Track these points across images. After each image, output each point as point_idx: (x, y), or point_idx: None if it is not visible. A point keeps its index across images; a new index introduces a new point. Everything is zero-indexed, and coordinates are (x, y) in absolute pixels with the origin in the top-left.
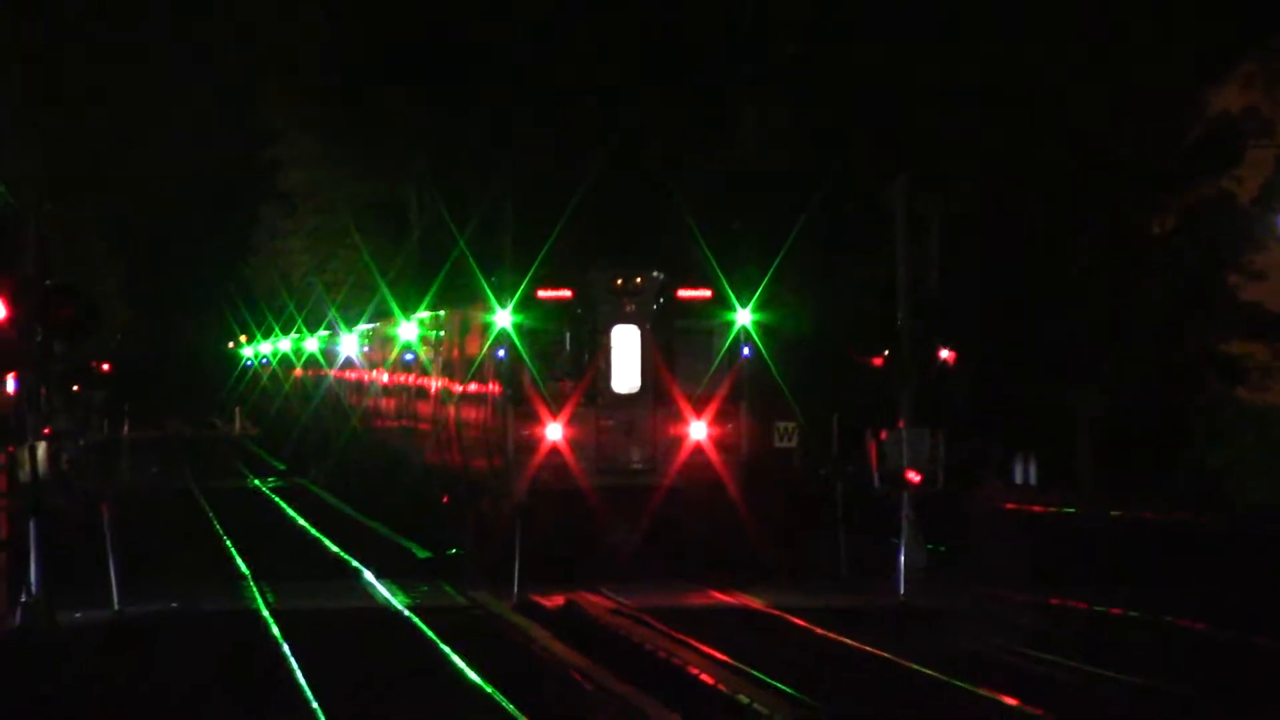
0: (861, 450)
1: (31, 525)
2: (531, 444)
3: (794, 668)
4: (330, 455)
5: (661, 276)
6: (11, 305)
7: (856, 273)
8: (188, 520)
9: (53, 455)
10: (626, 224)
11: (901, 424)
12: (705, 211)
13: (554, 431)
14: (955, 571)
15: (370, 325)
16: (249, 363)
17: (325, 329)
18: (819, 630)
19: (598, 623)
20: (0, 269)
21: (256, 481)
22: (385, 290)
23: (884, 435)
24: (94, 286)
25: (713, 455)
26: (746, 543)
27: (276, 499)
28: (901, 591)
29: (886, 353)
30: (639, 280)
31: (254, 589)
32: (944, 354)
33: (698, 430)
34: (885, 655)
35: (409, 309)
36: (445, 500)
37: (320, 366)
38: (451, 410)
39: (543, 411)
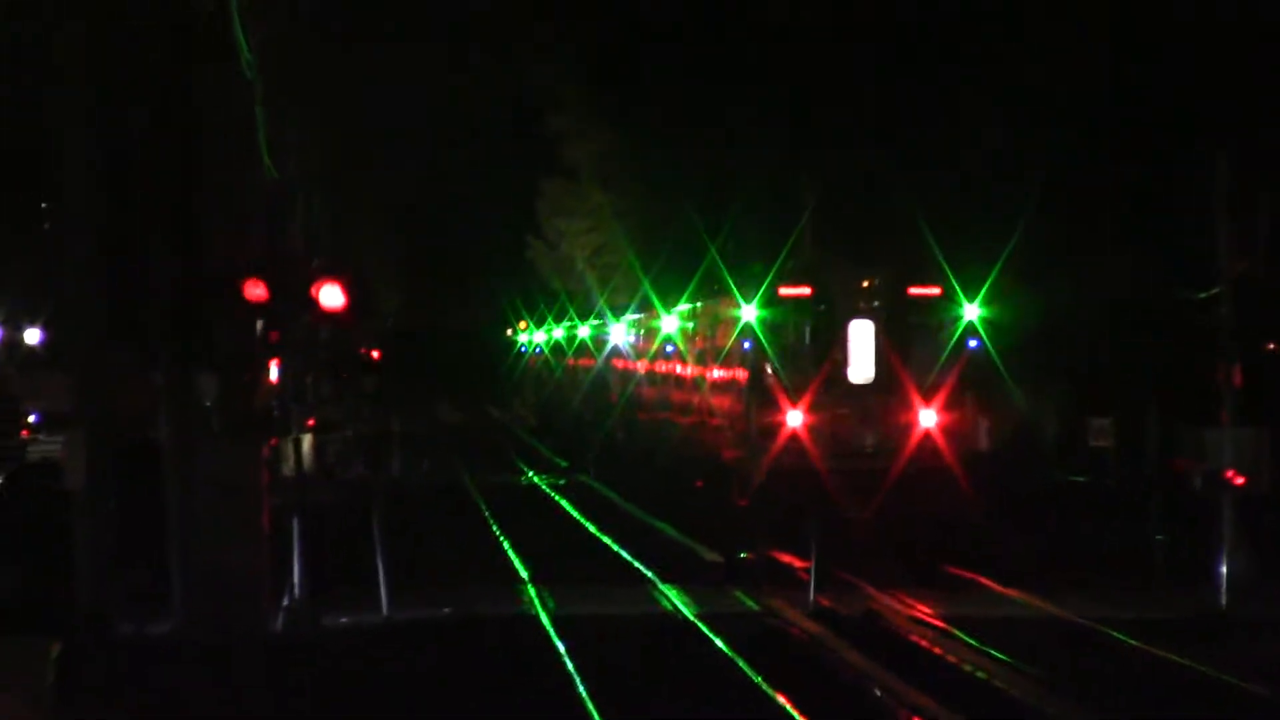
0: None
1: (295, 523)
2: (773, 430)
3: (1114, 685)
4: (606, 448)
5: (894, 274)
6: (273, 288)
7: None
8: (461, 518)
9: (318, 448)
10: (862, 223)
11: (1225, 420)
12: (939, 209)
13: (794, 418)
14: None
15: (637, 315)
16: (524, 349)
17: (596, 318)
18: (1136, 643)
19: (900, 634)
20: (267, 248)
21: (535, 477)
22: (645, 284)
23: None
24: (366, 268)
25: (940, 442)
26: (971, 527)
27: (555, 495)
28: (1223, 601)
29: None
30: (873, 278)
31: (533, 593)
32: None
33: (927, 418)
34: (1209, 671)
35: (670, 301)
36: (699, 485)
37: (599, 355)
38: (705, 399)
39: (783, 400)
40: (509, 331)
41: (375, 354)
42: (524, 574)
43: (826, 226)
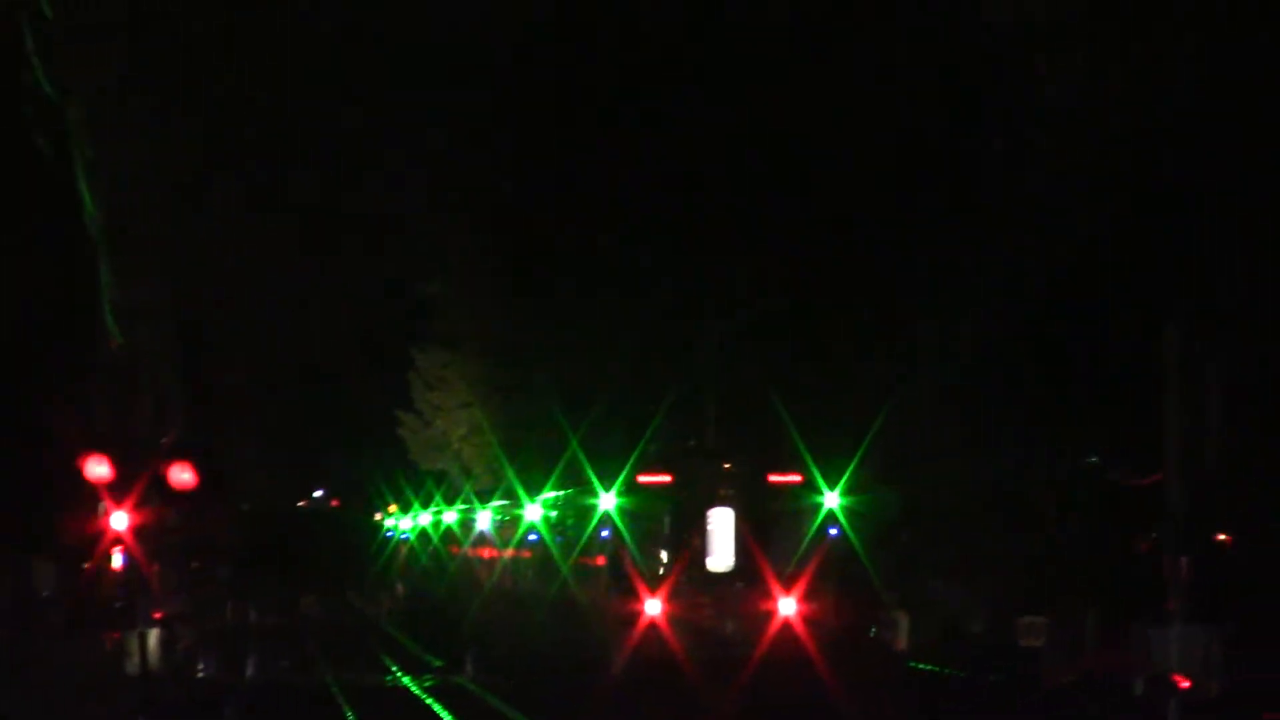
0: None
1: None
2: (632, 618)
3: None
4: (480, 644)
5: (753, 462)
6: (117, 466)
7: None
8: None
9: (166, 644)
10: (723, 414)
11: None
12: (800, 400)
13: (653, 607)
14: None
15: (503, 502)
16: (392, 534)
17: (464, 502)
18: None
19: None
20: (111, 424)
21: (405, 678)
22: (510, 472)
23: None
24: (222, 444)
25: (800, 630)
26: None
27: (427, 699)
28: None
29: (1154, 535)
30: (733, 465)
31: None
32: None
33: (787, 606)
34: None
35: (535, 488)
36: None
37: (490, 545)
38: (569, 589)
39: (642, 588)
40: (377, 516)
41: (231, 539)
42: None
43: (688, 417)
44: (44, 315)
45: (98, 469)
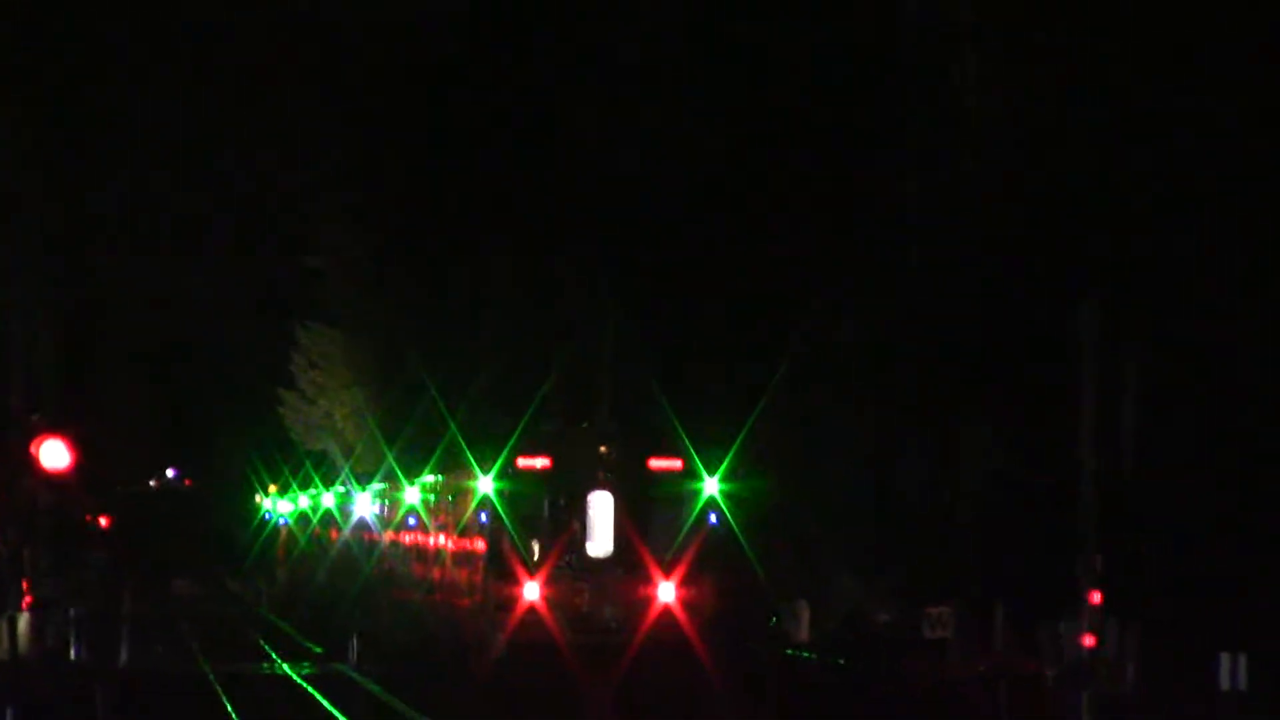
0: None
1: (8, 716)
2: (511, 603)
3: None
4: (362, 631)
5: (634, 446)
6: None
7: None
8: (198, 712)
9: (36, 629)
10: (602, 394)
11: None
12: (677, 380)
13: (531, 591)
14: None
15: (381, 485)
16: (269, 516)
17: (342, 484)
18: None
19: None
20: None
21: (284, 665)
22: (389, 455)
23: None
24: (96, 424)
25: (680, 616)
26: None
27: (308, 687)
28: None
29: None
30: (612, 449)
31: None
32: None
33: (666, 592)
34: None
35: (415, 471)
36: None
37: (370, 529)
38: (448, 573)
39: (521, 573)
40: (255, 498)
41: (104, 521)
42: None
43: (568, 398)
44: None
45: None
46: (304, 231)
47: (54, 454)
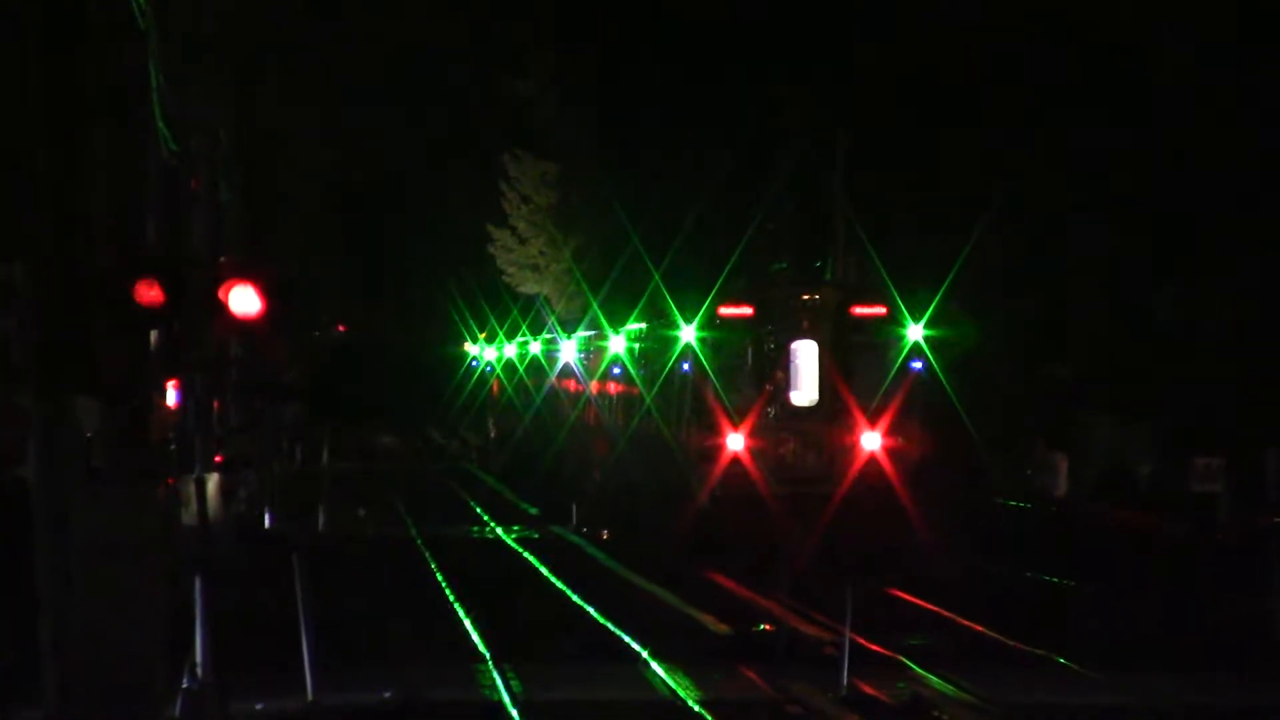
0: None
1: (198, 584)
2: (714, 454)
3: None
4: (587, 492)
5: (838, 294)
6: (170, 290)
7: None
8: (406, 582)
9: (227, 491)
10: (806, 242)
11: None
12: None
13: (735, 442)
14: None
15: (588, 333)
16: (477, 364)
17: (577, 331)
18: None
19: None
20: (163, 242)
21: (498, 529)
22: (594, 303)
23: None
24: (289, 268)
25: (886, 465)
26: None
27: (525, 552)
28: None
29: None
30: (817, 297)
31: (495, 674)
32: None
33: (871, 441)
34: None
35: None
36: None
37: (576, 378)
38: (651, 423)
39: (724, 423)
40: (464, 346)
41: (299, 373)
42: (484, 650)
43: (771, 243)
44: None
45: (148, 293)
46: (514, 57)
47: (243, 299)
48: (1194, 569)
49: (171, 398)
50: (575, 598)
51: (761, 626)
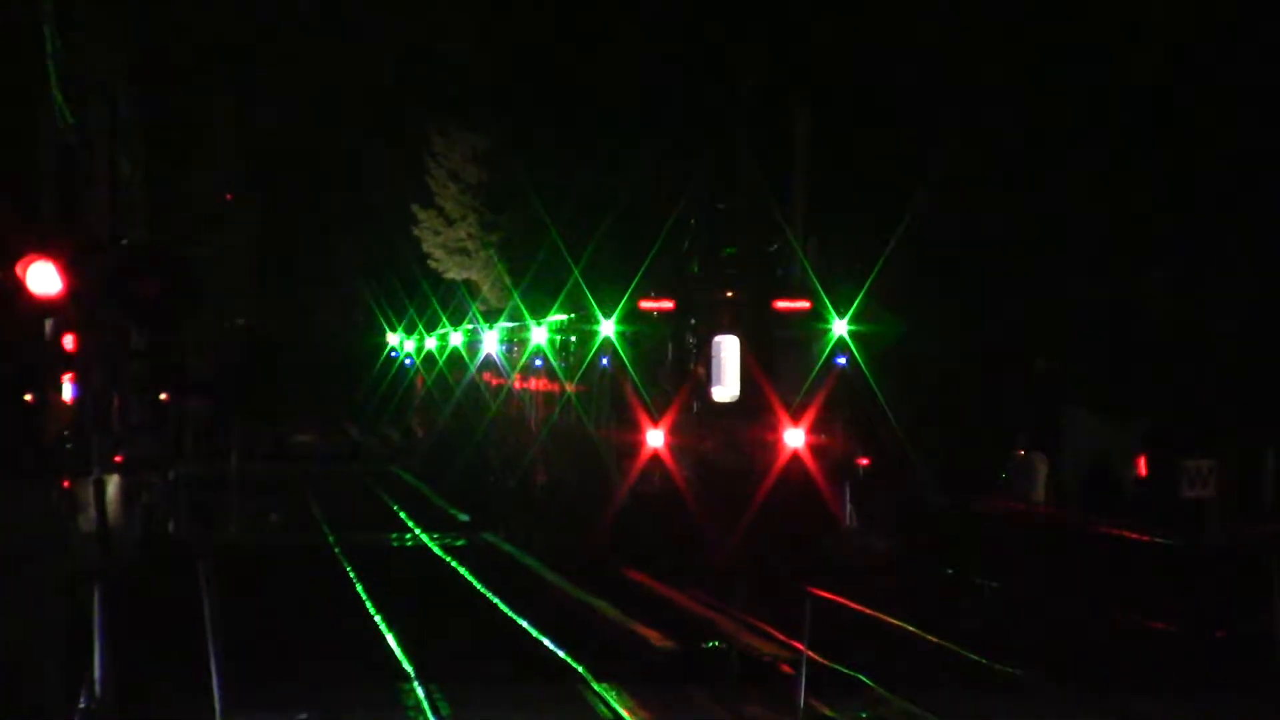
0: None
1: (96, 596)
2: (633, 450)
3: None
4: (518, 496)
5: (760, 287)
6: (69, 275)
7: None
8: (324, 593)
9: (128, 493)
10: (728, 236)
11: None
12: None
13: (655, 438)
14: None
15: (511, 324)
16: (396, 354)
17: (499, 322)
18: None
19: None
20: (59, 222)
21: (423, 535)
22: (515, 293)
23: None
24: (195, 248)
25: (809, 463)
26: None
27: (453, 561)
28: None
29: None
30: (739, 291)
31: (420, 695)
32: None
33: (794, 438)
34: None
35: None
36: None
37: (498, 371)
38: (571, 418)
39: (644, 419)
40: (385, 336)
41: (207, 366)
42: (408, 668)
43: (692, 237)
44: None
45: (43, 278)
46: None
47: (145, 283)
48: (1185, 581)
49: (68, 392)
50: (507, 610)
51: (713, 643)
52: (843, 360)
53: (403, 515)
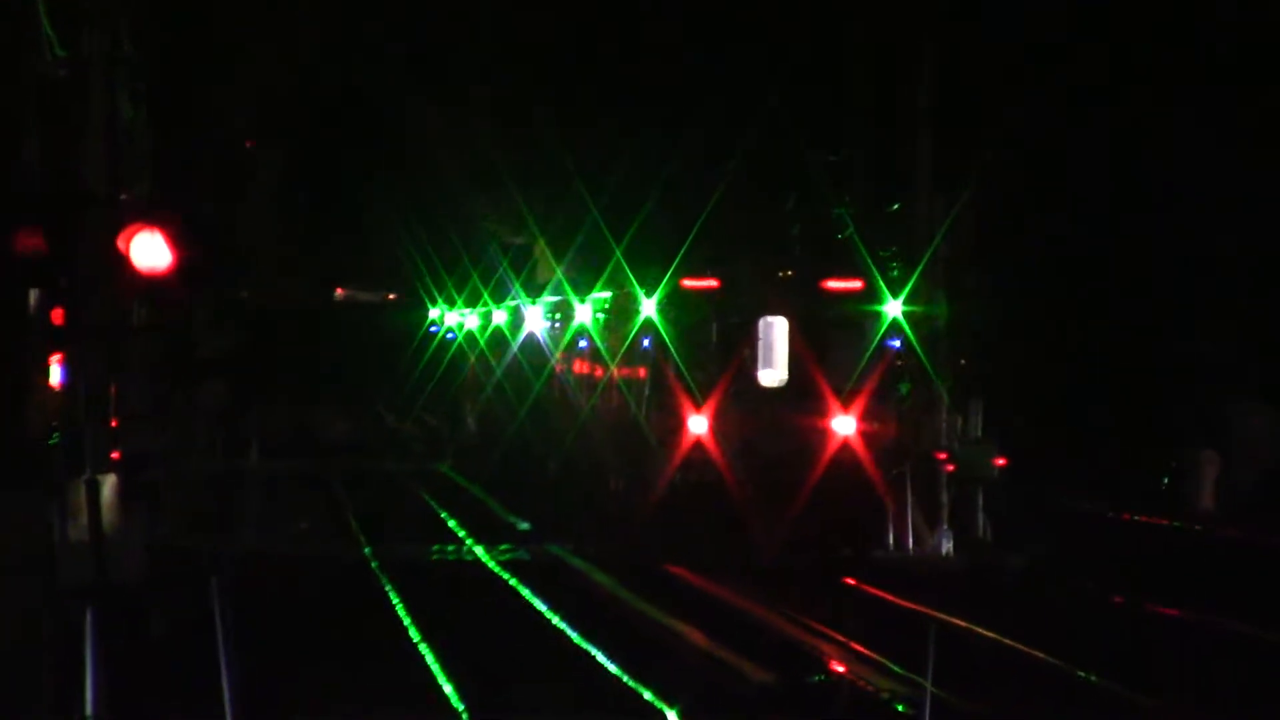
0: None
1: (89, 616)
2: (674, 437)
3: None
4: (590, 500)
5: (810, 266)
6: (54, 238)
7: None
8: (358, 613)
9: (128, 495)
10: (777, 214)
11: None
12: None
13: (697, 424)
14: None
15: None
16: (436, 329)
17: (543, 296)
18: None
19: None
20: (47, 176)
21: (476, 548)
22: (558, 269)
23: None
24: (213, 209)
25: (859, 450)
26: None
27: (510, 579)
28: None
29: None
30: (787, 270)
31: None
32: None
33: (844, 425)
34: None
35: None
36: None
37: (541, 350)
38: (612, 402)
39: (685, 404)
40: (429, 312)
41: (221, 344)
42: (458, 704)
43: (739, 213)
44: None
45: (30, 241)
46: None
47: (152, 250)
48: None
49: (56, 375)
50: (577, 637)
51: (818, 677)
52: (897, 342)
53: (452, 523)
